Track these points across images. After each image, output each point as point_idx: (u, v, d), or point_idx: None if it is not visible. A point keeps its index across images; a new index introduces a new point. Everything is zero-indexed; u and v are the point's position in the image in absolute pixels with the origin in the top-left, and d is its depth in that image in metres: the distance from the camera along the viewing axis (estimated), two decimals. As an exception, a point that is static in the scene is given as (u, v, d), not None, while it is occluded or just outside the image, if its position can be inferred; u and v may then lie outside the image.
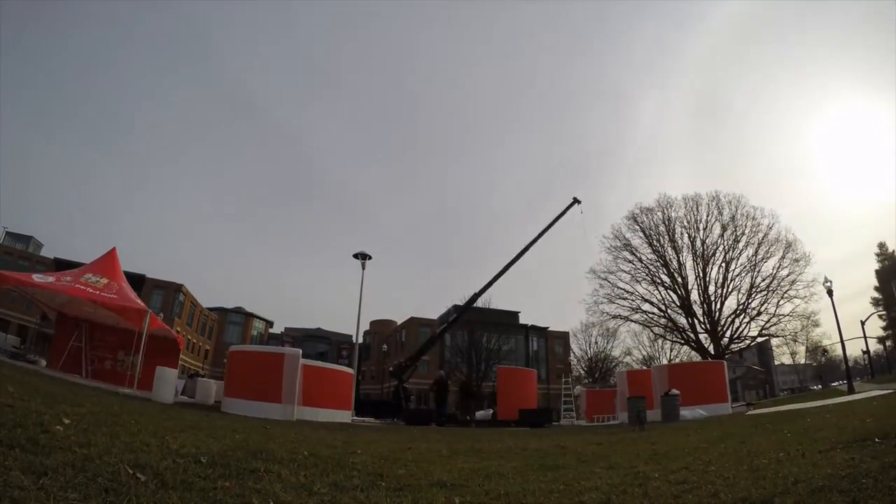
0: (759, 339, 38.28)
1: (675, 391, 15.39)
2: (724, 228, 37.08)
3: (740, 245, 36.60)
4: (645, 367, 54.98)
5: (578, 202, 30.84)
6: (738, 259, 36.67)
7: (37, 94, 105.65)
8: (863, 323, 35.18)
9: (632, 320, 39.36)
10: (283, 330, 78.50)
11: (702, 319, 37.15)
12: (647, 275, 38.61)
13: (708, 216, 37.65)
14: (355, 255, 27.75)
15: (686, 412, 14.91)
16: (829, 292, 24.22)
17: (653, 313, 38.70)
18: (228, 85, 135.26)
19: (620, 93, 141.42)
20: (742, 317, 36.11)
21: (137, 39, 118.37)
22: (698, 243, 37.58)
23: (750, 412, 16.17)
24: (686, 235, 38.15)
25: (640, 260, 38.85)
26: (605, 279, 39.16)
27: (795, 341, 37.02)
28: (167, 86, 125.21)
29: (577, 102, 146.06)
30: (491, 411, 23.98)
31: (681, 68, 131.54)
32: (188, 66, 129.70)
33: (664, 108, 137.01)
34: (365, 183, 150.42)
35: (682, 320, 37.77)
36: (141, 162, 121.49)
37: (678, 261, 37.99)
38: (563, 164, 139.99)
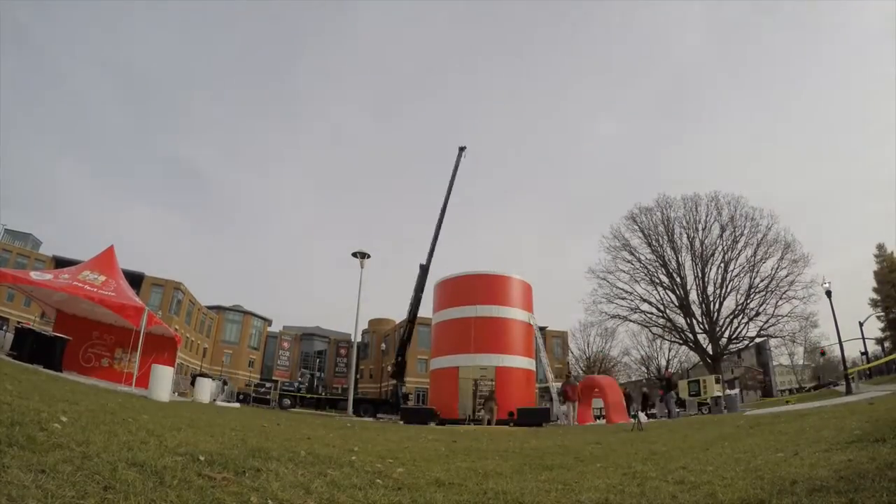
0: (758, 340, 38.34)
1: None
2: (722, 229, 37.17)
3: (739, 245, 36.68)
4: (644, 368, 55.12)
5: (463, 148, 31.50)
6: (736, 259, 36.76)
7: (36, 92, 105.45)
8: (861, 324, 35.20)
9: (630, 320, 39.46)
10: (281, 328, 78.43)
11: (700, 320, 37.20)
12: (645, 275, 38.70)
13: (707, 216, 37.74)
14: (354, 254, 27.78)
15: None
16: (828, 293, 24.25)
17: (651, 313, 38.79)
18: (228, 81, 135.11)
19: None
20: (741, 317, 36.17)
21: (133, 38, 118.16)
22: (697, 243, 37.65)
23: (748, 412, 16.19)
24: (685, 236, 38.24)
25: (639, 260, 38.94)
26: (604, 279, 39.25)
27: (794, 342, 37.14)
28: (165, 80, 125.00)
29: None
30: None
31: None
32: (184, 60, 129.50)
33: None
34: (366, 180, 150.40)
35: (681, 320, 37.85)
36: (141, 161, 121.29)
37: (677, 261, 38.07)
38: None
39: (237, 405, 20.83)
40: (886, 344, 52.53)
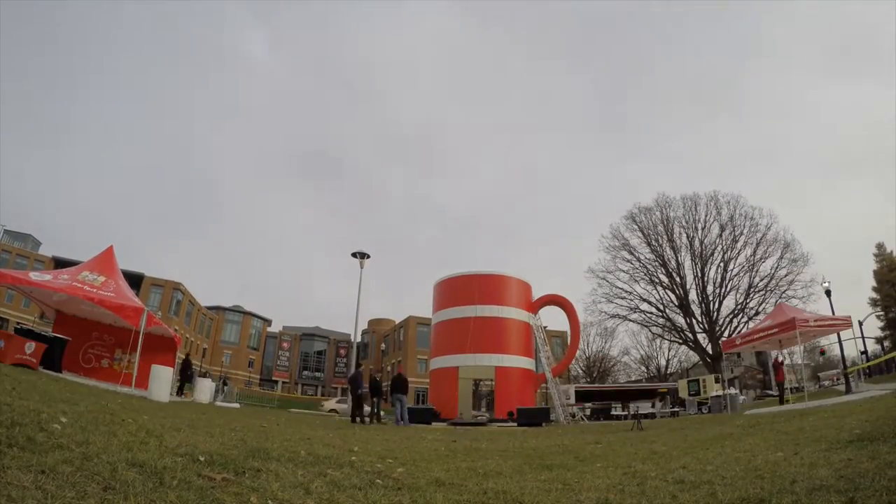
0: (757, 339, 38.27)
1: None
2: (722, 228, 37.17)
3: (738, 245, 36.69)
4: (644, 367, 55.19)
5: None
6: (736, 259, 36.76)
7: (35, 90, 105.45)
8: (860, 323, 35.18)
9: (630, 320, 39.48)
10: (281, 328, 78.39)
11: (700, 319, 37.19)
12: (645, 274, 38.70)
13: (706, 216, 37.73)
14: (354, 254, 27.74)
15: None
16: (828, 293, 24.25)
17: (651, 313, 38.78)
18: (227, 82, 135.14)
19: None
20: (740, 316, 36.18)
21: (130, 33, 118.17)
22: (696, 243, 37.64)
23: (748, 412, 16.20)
24: (684, 235, 38.23)
25: (639, 259, 38.93)
26: (604, 278, 39.25)
27: (793, 341, 37.05)
28: (163, 80, 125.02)
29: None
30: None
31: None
32: (186, 57, 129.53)
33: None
34: (365, 178, 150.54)
35: (681, 320, 37.82)
36: (139, 160, 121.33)
37: (676, 260, 38.06)
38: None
39: (237, 405, 20.83)
40: (886, 343, 52.56)
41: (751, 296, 35.84)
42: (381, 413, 18.83)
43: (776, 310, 20.16)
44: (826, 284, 24.43)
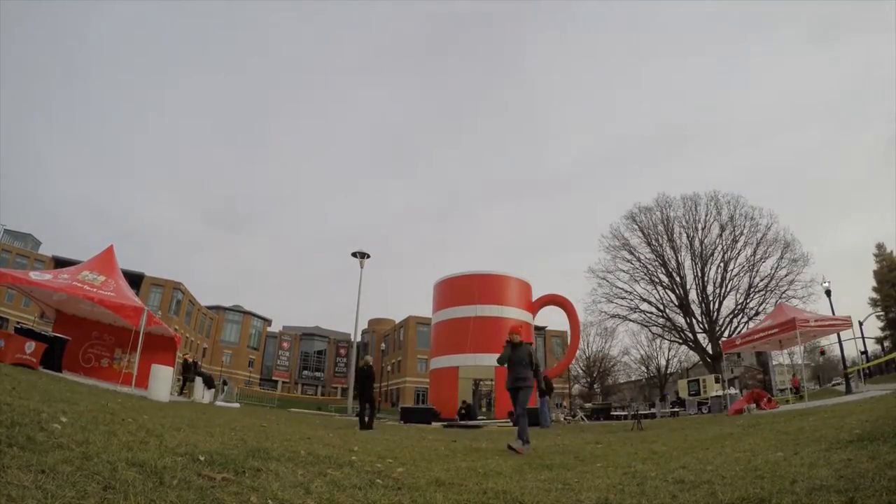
0: (757, 339, 38.26)
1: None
2: (722, 228, 37.11)
3: (739, 245, 36.64)
4: (644, 367, 55.19)
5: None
6: (736, 259, 36.70)
7: (35, 89, 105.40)
8: (860, 323, 35.14)
9: (630, 320, 39.41)
10: (281, 328, 78.39)
11: (700, 319, 37.16)
12: (645, 274, 38.64)
13: (706, 216, 37.66)
14: (354, 254, 27.79)
15: None
16: (828, 293, 24.26)
17: (651, 313, 38.73)
18: (225, 83, 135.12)
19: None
20: (740, 316, 36.16)
21: (133, 35, 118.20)
22: (697, 243, 37.60)
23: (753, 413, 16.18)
24: (685, 235, 38.17)
25: (639, 259, 38.88)
26: (604, 278, 39.20)
27: (793, 341, 37.06)
28: (162, 80, 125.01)
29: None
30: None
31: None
32: (184, 58, 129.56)
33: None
34: (364, 178, 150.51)
35: (681, 320, 37.77)
36: (138, 159, 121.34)
37: (676, 260, 38.01)
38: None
39: (237, 405, 20.83)
40: (886, 343, 52.58)
41: (751, 296, 35.81)
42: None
43: (776, 310, 20.13)
44: (826, 284, 24.45)
